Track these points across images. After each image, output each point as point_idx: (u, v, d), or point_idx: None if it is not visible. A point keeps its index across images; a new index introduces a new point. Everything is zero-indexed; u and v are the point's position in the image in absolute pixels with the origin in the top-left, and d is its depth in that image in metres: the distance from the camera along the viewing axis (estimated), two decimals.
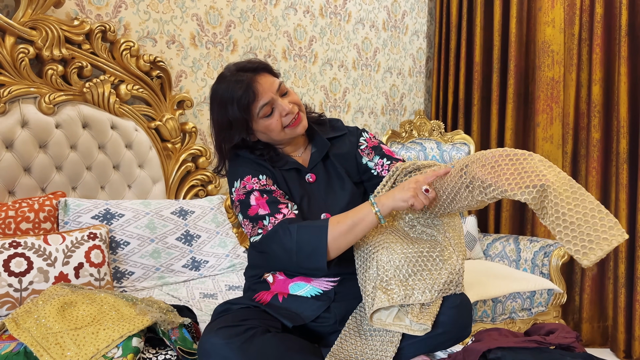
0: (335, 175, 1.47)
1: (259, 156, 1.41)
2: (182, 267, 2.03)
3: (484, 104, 3.28)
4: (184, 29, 2.44)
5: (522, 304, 2.55)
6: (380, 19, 3.27)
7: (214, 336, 1.19)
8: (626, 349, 2.80)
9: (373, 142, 1.53)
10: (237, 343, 1.16)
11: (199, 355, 1.21)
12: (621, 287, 2.79)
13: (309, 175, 1.44)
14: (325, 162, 1.48)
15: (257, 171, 1.38)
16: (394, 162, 1.49)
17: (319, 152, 1.47)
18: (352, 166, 1.50)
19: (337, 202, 1.42)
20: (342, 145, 1.51)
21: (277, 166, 1.42)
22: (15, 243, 1.67)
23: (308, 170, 1.45)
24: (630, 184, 2.78)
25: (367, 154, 1.51)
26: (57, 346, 1.19)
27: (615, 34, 2.85)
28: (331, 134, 1.51)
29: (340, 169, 1.47)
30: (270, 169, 1.40)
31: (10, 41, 1.89)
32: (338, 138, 1.51)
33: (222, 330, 1.20)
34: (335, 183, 1.46)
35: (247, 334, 1.19)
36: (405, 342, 1.29)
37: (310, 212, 1.39)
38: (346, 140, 1.52)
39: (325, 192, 1.44)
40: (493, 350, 1.18)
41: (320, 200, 1.42)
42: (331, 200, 1.42)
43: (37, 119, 1.94)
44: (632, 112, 2.79)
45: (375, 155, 1.50)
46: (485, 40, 3.26)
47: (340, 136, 1.52)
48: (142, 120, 2.25)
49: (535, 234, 3.10)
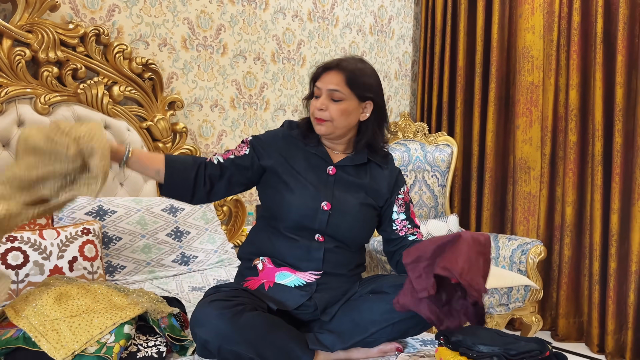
0: (358, 182, 1.56)
1: (299, 131, 1.58)
2: (172, 262, 2.12)
3: (467, 107, 3.39)
4: (176, 33, 2.52)
5: (500, 299, 2.66)
6: (367, 23, 3.37)
7: (207, 307, 1.29)
8: (599, 343, 2.92)
9: (407, 197, 1.64)
10: (228, 315, 1.27)
11: (191, 325, 1.31)
12: (595, 284, 2.91)
13: (330, 168, 1.55)
14: (358, 170, 1.58)
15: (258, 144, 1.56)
16: (414, 228, 1.61)
17: (353, 159, 1.57)
18: (378, 200, 1.59)
19: (344, 201, 1.52)
20: (382, 176, 1.61)
21: (307, 143, 1.56)
22: (12, 237, 1.75)
23: (332, 164, 1.56)
24: (604, 185, 2.90)
25: (399, 206, 1.61)
26: (53, 332, 1.27)
27: (592, 41, 2.97)
28: (376, 159, 1.61)
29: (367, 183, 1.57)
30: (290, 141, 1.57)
31: (7, 44, 1.97)
32: (377, 166, 1.62)
33: (214, 302, 1.30)
34: (354, 187, 1.56)
35: (238, 307, 1.30)
36: (375, 328, 1.39)
37: (314, 196, 1.50)
38: (386, 174, 1.62)
39: (337, 188, 1.53)
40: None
41: (328, 192, 1.52)
42: (338, 195, 1.52)
43: (33, 119, 2.02)
44: (607, 116, 2.90)
45: (403, 213, 1.61)
46: (469, 45, 3.37)
47: (382, 167, 1.62)
48: (134, 121, 2.33)
49: (515, 232, 3.21)
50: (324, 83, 1.50)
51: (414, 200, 3.10)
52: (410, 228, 1.60)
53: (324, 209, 1.49)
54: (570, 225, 3.05)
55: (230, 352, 1.28)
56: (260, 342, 1.28)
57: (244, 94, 2.81)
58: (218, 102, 2.71)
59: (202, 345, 1.30)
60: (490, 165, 3.26)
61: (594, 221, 2.91)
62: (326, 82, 1.50)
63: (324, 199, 1.49)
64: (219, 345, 1.27)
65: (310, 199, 1.49)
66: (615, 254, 2.84)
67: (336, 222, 1.49)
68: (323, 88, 1.50)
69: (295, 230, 1.50)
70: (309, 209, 1.48)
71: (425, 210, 3.15)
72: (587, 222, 3.00)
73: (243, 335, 1.27)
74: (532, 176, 3.18)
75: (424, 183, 3.16)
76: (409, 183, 3.12)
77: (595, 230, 2.91)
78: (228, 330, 1.26)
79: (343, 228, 1.50)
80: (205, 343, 1.29)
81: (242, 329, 1.27)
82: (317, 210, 1.48)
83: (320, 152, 1.56)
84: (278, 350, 1.31)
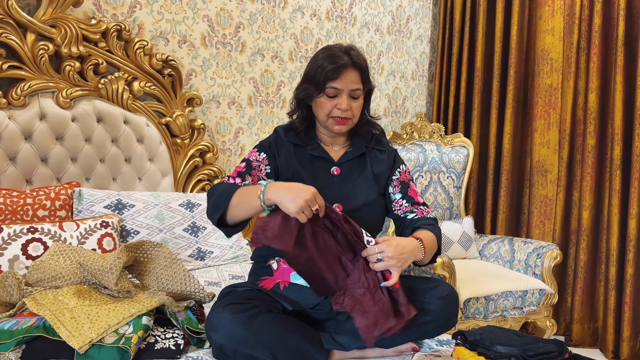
0: (363, 176, 1.57)
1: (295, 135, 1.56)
2: (188, 257, 2.13)
3: (484, 109, 3.37)
4: (195, 30, 2.54)
5: (514, 302, 2.64)
6: (385, 23, 3.36)
7: (221, 311, 1.30)
8: (614, 349, 2.89)
9: (405, 177, 1.62)
10: (242, 318, 1.27)
11: (206, 329, 1.32)
12: (611, 289, 2.88)
13: (334, 168, 1.55)
14: (359, 162, 1.58)
15: (267, 149, 1.54)
16: (414, 205, 1.57)
17: (353, 152, 1.58)
18: (382, 184, 1.60)
19: (353, 198, 1.52)
20: (381, 160, 1.61)
21: (307, 145, 1.55)
22: (32, 229, 1.78)
23: (335, 164, 1.56)
24: (622, 190, 2.87)
25: (394, 187, 1.60)
26: (72, 320, 1.29)
27: (612, 44, 2.93)
28: (371, 144, 1.61)
29: (370, 174, 1.57)
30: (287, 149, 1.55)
31: (31, 38, 2.00)
32: (377, 150, 1.61)
33: (229, 306, 1.30)
34: (360, 182, 1.56)
35: (252, 311, 1.30)
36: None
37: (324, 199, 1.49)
38: (385, 157, 1.62)
39: (345, 186, 1.53)
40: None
41: (337, 192, 1.51)
42: (347, 194, 1.52)
43: (54, 113, 2.05)
44: (627, 120, 2.87)
45: (399, 193, 1.60)
46: (487, 46, 3.35)
47: (379, 150, 1.62)
48: (153, 116, 2.35)
49: (530, 236, 3.19)
50: (345, 83, 1.48)
51: (429, 202, 3.09)
52: (408, 206, 1.57)
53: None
54: (586, 230, 3.02)
55: (246, 355, 1.28)
56: (275, 344, 1.28)
57: (261, 91, 2.82)
58: (236, 99, 2.73)
59: (218, 348, 1.31)
60: (506, 168, 3.24)
61: (611, 226, 2.88)
62: (348, 82, 1.48)
63: (333, 201, 1.48)
64: (234, 349, 1.28)
65: None
66: (633, 259, 2.81)
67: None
68: (345, 88, 1.48)
69: None
70: None
71: (440, 211, 3.14)
72: (604, 227, 2.96)
73: (258, 338, 1.27)
74: (549, 179, 3.15)
75: (439, 184, 3.15)
76: (424, 184, 3.11)
77: (613, 235, 2.87)
78: (243, 334, 1.27)
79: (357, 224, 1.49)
80: (220, 347, 1.30)
81: (256, 332, 1.27)
82: None
83: (321, 152, 1.56)
84: (293, 352, 1.31)
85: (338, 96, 1.49)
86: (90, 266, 1.46)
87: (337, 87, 1.48)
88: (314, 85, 1.50)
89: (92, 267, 1.45)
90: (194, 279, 1.55)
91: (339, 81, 1.47)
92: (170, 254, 1.57)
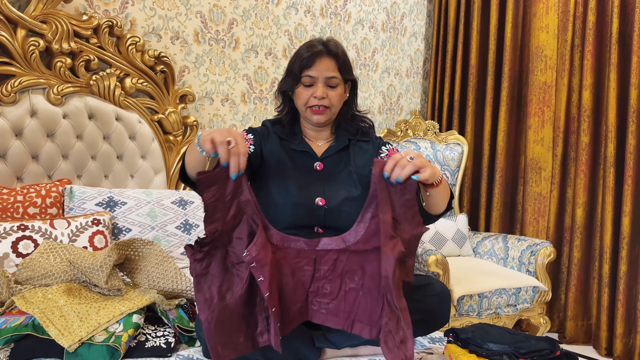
0: (346, 171, 1.55)
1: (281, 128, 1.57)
2: (181, 255, 2.12)
3: (478, 106, 3.37)
4: (188, 26, 2.52)
5: (508, 299, 2.64)
6: (380, 20, 3.35)
7: None
8: (608, 346, 2.89)
9: (394, 152, 1.60)
10: None
11: (196, 327, 1.31)
12: (605, 286, 2.88)
13: (317, 164, 1.54)
14: (342, 156, 1.57)
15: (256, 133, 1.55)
16: None
17: (336, 146, 1.57)
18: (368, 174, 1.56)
19: (335, 193, 1.50)
20: (365, 150, 1.59)
21: (291, 140, 1.54)
22: (23, 226, 1.76)
23: (318, 159, 1.55)
24: (616, 187, 2.87)
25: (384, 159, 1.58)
26: (62, 318, 1.28)
27: (607, 42, 2.93)
28: (357, 137, 1.59)
29: (353, 168, 1.55)
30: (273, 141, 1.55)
31: (21, 34, 1.98)
32: (362, 142, 1.60)
33: None
34: (343, 177, 1.54)
35: None
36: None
37: (307, 195, 1.48)
38: (369, 147, 1.60)
39: (327, 181, 1.52)
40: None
41: (319, 187, 1.50)
42: (330, 189, 1.50)
43: (45, 109, 2.03)
44: (620, 118, 2.87)
45: None
46: (482, 43, 3.34)
47: (365, 141, 1.60)
48: (145, 113, 2.34)
49: (524, 233, 3.19)
50: (319, 71, 1.48)
51: None
52: None
53: (318, 204, 1.47)
54: (580, 227, 3.03)
55: None
56: None
57: (254, 88, 2.81)
58: (229, 96, 2.71)
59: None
60: (500, 165, 3.24)
61: (604, 223, 2.89)
62: (322, 69, 1.48)
63: (317, 196, 1.47)
64: None
65: (304, 199, 1.47)
66: (626, 257, 2.82)
67: (333, 215, 1.47)
68: (319, 76, 1.48)
69: (293, 228, 1.48)
70: (304, 208, 1.46)
71: None
72: (598, 224, 2.97)
73: None
74: (543, 177, 3.16)
75: None
76: None
77: (606, 233, 2.88)
78: None
79: (341, 219, 1.47)
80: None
81: None
82: (312, 207, 1.46)
83: (305, 147, 1.55)
84: (284, 350, 1.30)
85: (314, 85, 1.49)
86: (81, 264, 1.44)
87: (312, 75, 1.48)
88: (292, 77, 1.51)
89: (82, 265, 1.44)
90: (186, 277, 1.54)
91: (313, 69, 1.48)
92: (162, 252, 1.56)
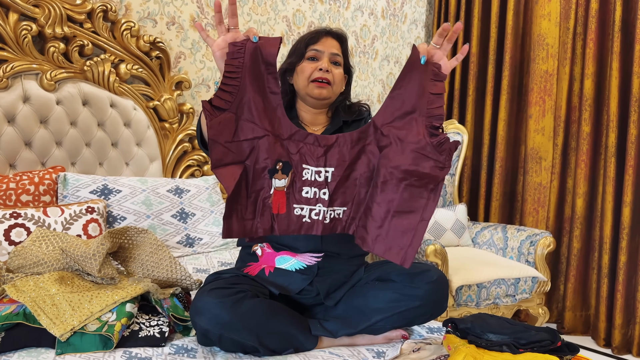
0: None
1: None
2: (177, 243, 2.10)
3: (479, 95, 3.33)
4: (184, 11, 2.48)
5: (507, 290, 2.63)
6: (380, 6, 3.30)
7: (207, 295, 1.26)
8: (606, 337, 2.88)
9: None
10: (228, 303, 1.24)
11: (191, 314, 1.29)
12: (604, 277, 2.87)
13: None
14: None
15: None
16: None
17: (330, 129, 1.55)
18: None
19: None
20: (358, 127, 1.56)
21: None
22: (15, 214, 1.73)
23: None
24: (617, 177, 2.84)
25: None
26: (53, 307, 1.26)
27: (609, 30, 2.89)
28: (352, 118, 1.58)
29: None
30: None
31: (13, 18, 1.93)
32: (356, 122, 1.59)
33: (214, 291, 1.27)
34: None
35: (238, 295, 1.26)
36: (380, 316, 1.36)
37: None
38: (362, 123, 1.58)
39: None
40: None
41: None
42: None
43: (38, 95, 2.00)
44: (622, 107, 2.84)
45: None
46: (482, 31, 3.30)
47: (359, 120, 1.59)
48: (140, 100, 2.30)
49: (524, 223, 3.17)
50: (326, 46, 1.50)
51: None
52: None
53: None
54: (580, 218, 3.01)
55: (232, 341, 1.25)
56: (262, 329, 1.25)
57: None
58: None
59: (203, 334, 1.28)
60: (500, 155, 3.21)
61: (604, 214, 2.87)
62: (328, 46, 1.51)
63: None
64: (219, 334, 1.25)
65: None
66: (626, 247, 2.80)
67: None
68: (325, 51, 1.50)
69: None
70: None
71: None
72: (598, 215, 2.95)
73: (244, 323, 1.24)
74: (543, 167, 3.13)
75: None
76: None
77: (606, 223, 2.86)
78: (228, 318, 1.23)
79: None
80: (205, 332, 1.26)
81: (242, 317, 1.24)
82: None
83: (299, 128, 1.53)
84: (280, 337, 1.28)
85: (319, 59, 1.50)
86: (73, 252, 1.42)
87: (317, 49, 1.50)
88: (296, 55, 1.53)
89: (75, 253, 1.41)
90: (181, 266, 1.52)
91: (319, 44, 1.51)
92: (156, 240, 1.53)
